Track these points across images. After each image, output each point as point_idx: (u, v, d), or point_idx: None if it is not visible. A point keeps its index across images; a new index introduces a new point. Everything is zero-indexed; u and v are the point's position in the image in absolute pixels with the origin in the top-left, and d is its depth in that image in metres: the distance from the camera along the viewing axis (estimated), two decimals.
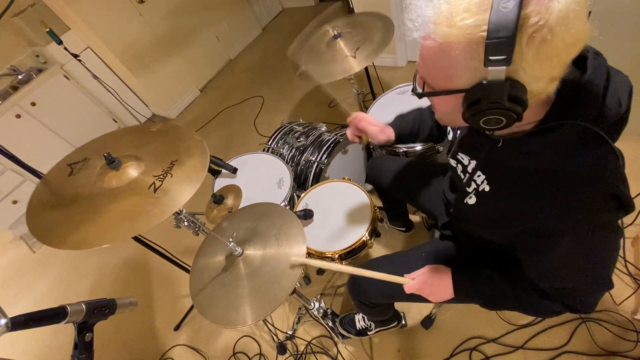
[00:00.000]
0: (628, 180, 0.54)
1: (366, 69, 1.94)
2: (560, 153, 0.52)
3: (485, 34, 0.42)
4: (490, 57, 0.42)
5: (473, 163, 0.72)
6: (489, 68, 0.43)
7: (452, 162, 0.79)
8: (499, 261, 0.79)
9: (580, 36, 0.43)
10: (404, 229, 1.61)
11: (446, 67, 0.49)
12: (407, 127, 1.04)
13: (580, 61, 0.53)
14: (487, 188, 0.68)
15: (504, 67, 0.42)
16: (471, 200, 0.73)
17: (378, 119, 1.07)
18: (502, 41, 0.41)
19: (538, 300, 0.70)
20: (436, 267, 0.83)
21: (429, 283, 0.81)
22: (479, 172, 0.70)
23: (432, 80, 0.53)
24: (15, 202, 2.58)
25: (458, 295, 0.80)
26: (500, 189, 0.66)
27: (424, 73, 0.54)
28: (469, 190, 0.72)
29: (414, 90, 0.58)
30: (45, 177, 0.95)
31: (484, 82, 0.46)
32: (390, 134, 1.03)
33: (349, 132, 1.06)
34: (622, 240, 1.11)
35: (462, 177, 0.75)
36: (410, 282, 0.83)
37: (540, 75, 0.45)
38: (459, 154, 0.76)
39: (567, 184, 0.53)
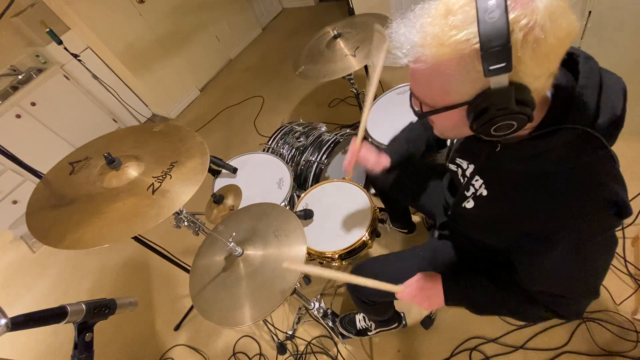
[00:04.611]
0: (628, 180, 0.54)
1: (366, 68, 1.94)
2: (558, 157, 0.52)
3: (477, 46, 0.42)
4: (490, 68, 0.42)
5: (471, 167, 0.72)
6: (491, 77, 0.43)
7: (452, 167, 0.80)
8: (493, 263, 0.79)
9: (570, 28, 0.44)
10: (406, 230, 1.61)
11: (442, 85, 0.49)
12: (401, 150, 1.02)
13: (573, 65, 0.53)
14: (484, 192, 0.68)
15: (507, 74, 0.42)
16: (469, 204, 0.73)
17: (378, 119, 1.08)
18: (498, 49, 0.41)
19: (526, 306, 0.71)
20: (428, 274, 0.83)
21: (422, 290, 0.81)
22: (477, 177, 0.70)
23: (430, 100, 0.53)
24: (15, 202, 2.58)
25: (448, 302, 0.80)
26: (498, 193, 0.66)
27: (419, 94, 0.54)
28: (468, 194, 0.73)
29: (414, 112, 0.58)
30: (46, 175, 0.95)
31: (489, 90, 0.45)
32: (385, 163, 1.00)
33: (346, 162, 1.00)
34: (622, 247, 1.11)
35: (462, 180, 0.76)
36: (403, 289, 0.82)
37: (540, 73, 0.45)
38: (457, 159, 0.77)
39: (565, 188, 0.53)
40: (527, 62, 0.43)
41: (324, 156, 1.48)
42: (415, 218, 1.66)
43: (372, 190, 1.61)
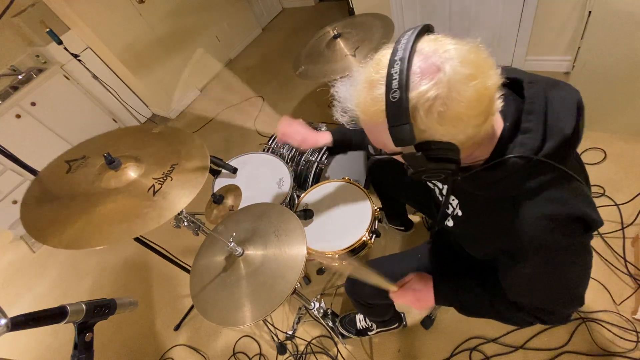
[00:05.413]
0: (628, 180, 0.54)
1: None
2: (512, 184, 0.54)
3: None
4: (395, 140, 0.47)
5: (445, 187, 0.75)
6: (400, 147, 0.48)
7: (430, 185, 0.82)
8: (484, 269, 0.81)
9: (481, 92, 0.45)
10: (402, 228, 1.61)
11: (379, 138, 0.54)
12: (346, 131, 1.08)
13: (521, 89, 0.55)
14: (460, 213, 0.71)
15: (411, 144, 0.47)
16: (449, 222, 0.76)
17: None
18: (399, 127, 0.45)
19: (513, 311, 0.72)
20: (420, 275, 0.86)
21: (414, 291, 0.84)
22: (452, 197, 0.73)
23: (377, 145, 0.57)
24: (15, 202, 2.58)
25: (438, 303, 0.82)
26: (471, 214, 0.69)
27: (369, 139, 0.58)
28: (448, 212, 0.75)
29: (371, 149, 0.61)
30: (41, 173, 0.94)
31: (404, 153, 0.49)
32: (321, 140, 1.08)
33: (279, 136, 1.08)
34: (622, 247, 1.10)
35: (440, 199, 0.78)
36: (396, 289, 0.86)
37: (457, 131, 0.47)
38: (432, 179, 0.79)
39: (523, 211, 0.55)
40: (436, 127, 0.46)
41: (324, 156, 1.48)
42: (415, 218, 1.66)
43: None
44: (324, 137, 1.08)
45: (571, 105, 0.52)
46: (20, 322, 0.50)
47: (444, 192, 0.76)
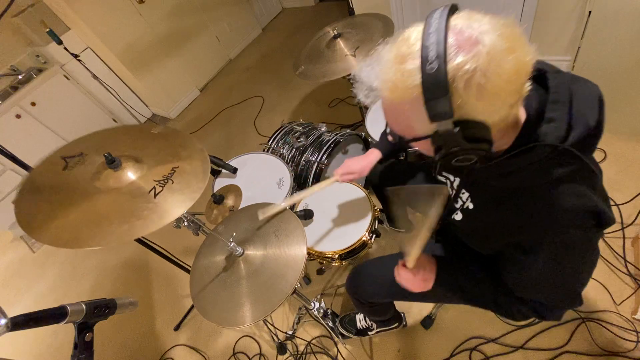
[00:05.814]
0: (628, 180, 0.54)
1: None
2: (535, 173, 0.53)
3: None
4: (432, 114, 0.45)
5: (457, 180, 0.74)
6: (436, 122, 0.46)
7: (441, 179, 0.82)
8: (488, 264, 0.80)
9: (519, 66, 0.44)
10: (403, 230, 1.61)
11: (405, 120, 0.51)
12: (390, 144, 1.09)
13: (545, 80, 0.54)
14: (471, 206, 0.70)
15: (450, 119, 0.45)
16: (458, 216, 0.75)
17: (378, 120, 1.08)
18: (437, 99, 0.43)
19: (514, 304, 0.72)
20: (422, 255, 0.83)
21: (417, 274, 0.81)
22: (463, 190, 0.72)
23: (399, 131, 0.55)
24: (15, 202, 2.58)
25: (439, 284, 0.80)
26: (483, 207, 0.68)
27: (391, 126, 0.56)
28: (457, 206, 0.75)
29: (390, 135, 0.59)
30: (35, 169, 0.93)
31: (438, 132, 0.47)
32: (374, 160, 1.10)
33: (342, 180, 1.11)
34: (622, 247, 1.09)
35: (450, 192, 0.77)
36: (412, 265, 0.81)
37: (494, 109, 0.46)
38: (444, 172, 0.79)
39: (543, 202, 0.54)
40: (474, 103, 0.44)
41: (324, 156, 1.48)
42: None
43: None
44: (375, 155, 1.11)
45: (593, 99, 0.52)
46: (20, 322, 0.50)
47: (455, 185, 0.75)
